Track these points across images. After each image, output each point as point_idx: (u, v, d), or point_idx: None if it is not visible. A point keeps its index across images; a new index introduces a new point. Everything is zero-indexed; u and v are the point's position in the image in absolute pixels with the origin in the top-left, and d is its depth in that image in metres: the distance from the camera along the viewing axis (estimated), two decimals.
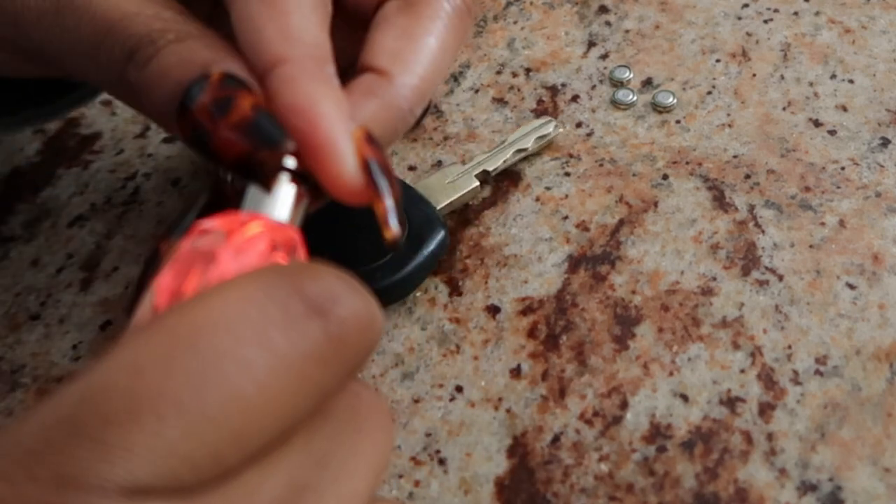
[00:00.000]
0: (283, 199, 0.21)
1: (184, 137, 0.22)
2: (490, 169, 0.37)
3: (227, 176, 0.22)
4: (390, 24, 0.24)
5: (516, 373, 0.33)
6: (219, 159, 0.21)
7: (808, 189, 0.37)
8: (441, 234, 0.35)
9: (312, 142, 0.21)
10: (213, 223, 0.19)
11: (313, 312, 0.16)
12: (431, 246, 0.34)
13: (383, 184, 0.21)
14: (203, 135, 0.21)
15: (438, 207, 0.36)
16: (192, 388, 0.15)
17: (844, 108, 0.40)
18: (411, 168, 0.40)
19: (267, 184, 0.21)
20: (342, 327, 0.17)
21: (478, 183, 0.37)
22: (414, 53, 0.23)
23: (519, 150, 0.38)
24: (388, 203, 0.21)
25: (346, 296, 0.17)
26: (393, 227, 0.21)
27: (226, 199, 0.21)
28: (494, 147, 0.38)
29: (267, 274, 0.17)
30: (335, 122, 0.21)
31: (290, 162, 0.21)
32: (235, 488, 0.16)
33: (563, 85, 0.43)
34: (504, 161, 0.38)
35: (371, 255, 0.33)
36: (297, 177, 0.21)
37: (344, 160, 0.21)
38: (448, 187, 0.37)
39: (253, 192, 0.21)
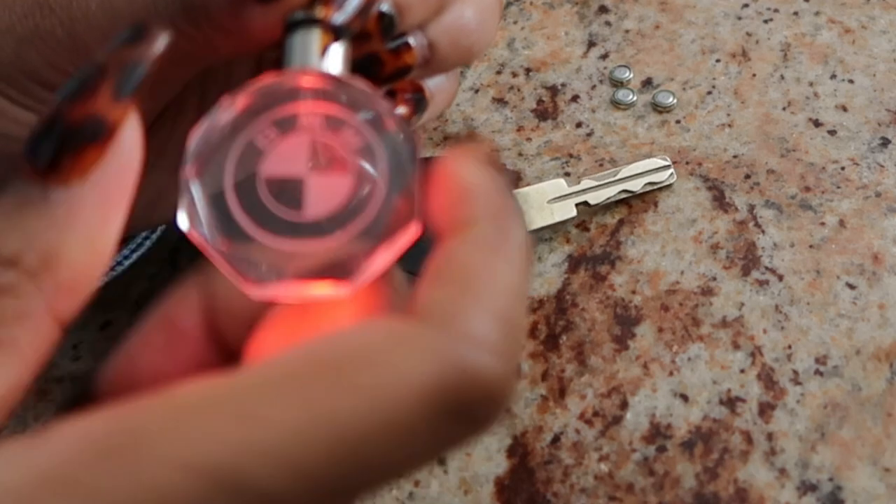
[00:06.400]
0: (333, 56, 0.20)
1: None
2: (592, 203, 0.36)
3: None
4: None
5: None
6: None
7: (808, 189, 0.37)
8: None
9: None
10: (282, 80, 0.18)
11: (461, 419, 0.15)
12: None
13: None
14: None
15: (531, 228, 0.34)
16: None
17: (844, 108, 0.40)
18: None
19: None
20: (476, 429, 0.16)
21: (575, 213, 0.35)
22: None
23: (625, 191, 0.36)
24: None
25: (498, 398, 0.16)
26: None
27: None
28: (605, 176, 0.36)
29: (437, 353, 0.15)
30: None
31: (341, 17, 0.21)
32: None
33: (563, 85, 0.43)
34: (607, 198, 0.36)
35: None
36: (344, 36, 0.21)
37: None
38: (546, 209, 0.35)
39: (297, 44, 0.20)
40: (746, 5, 0.45)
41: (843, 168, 0.38)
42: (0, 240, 0.16)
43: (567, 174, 0.39)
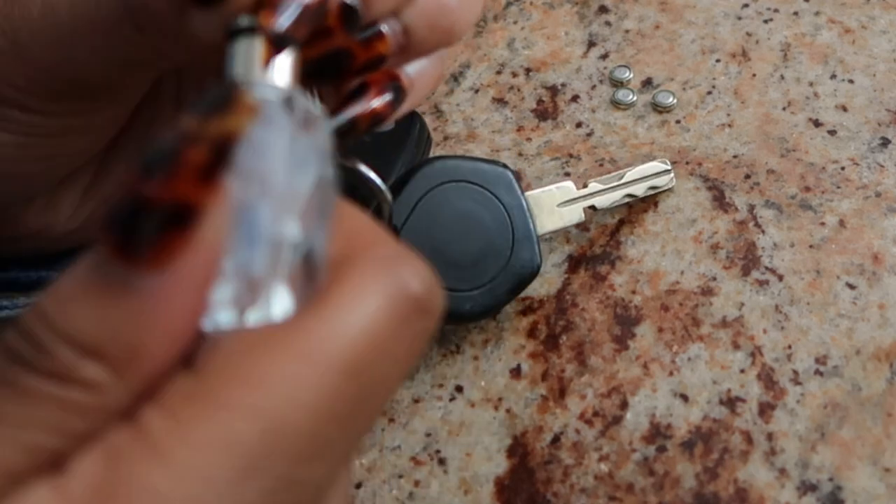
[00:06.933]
0: (279, 69, 0.19)
1: None
2: (598, 207, 0.36)
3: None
4: None
5: (516, 373, 0.33)
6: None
7: (808, 189, 0.37)
8: (535, 263, 0.33)
9: None
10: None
11: (422, 314, 0.17)
12: (518, 269, 0.33)
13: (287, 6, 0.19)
14: None
15: (541, 233, 0.34)
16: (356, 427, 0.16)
17: (844, 108, 0.40)
18: None
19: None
20: (435, 319, 0.18)
21: (584, 217, 0.35)
22: None
23: (629, 195, 0.36)
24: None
25: (437, 288, 0.18)
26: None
27: None
28: (610, 179, 0.36)
29: (380, 277, 0.16)
30: None
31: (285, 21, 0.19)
32: None
33: (563, 85, 0.43)
34: (612, 202, 0.36)
35: (463, 276, 0.33)
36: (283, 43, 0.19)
37: None
38: (556, 213, 0.35)
39: (235, 55, 0.18)
40: (746, 5, 0.45)
41: (843, 168, 0.38)
42: (77, 324, 0.14)
43: (567, 174, 0.39)
